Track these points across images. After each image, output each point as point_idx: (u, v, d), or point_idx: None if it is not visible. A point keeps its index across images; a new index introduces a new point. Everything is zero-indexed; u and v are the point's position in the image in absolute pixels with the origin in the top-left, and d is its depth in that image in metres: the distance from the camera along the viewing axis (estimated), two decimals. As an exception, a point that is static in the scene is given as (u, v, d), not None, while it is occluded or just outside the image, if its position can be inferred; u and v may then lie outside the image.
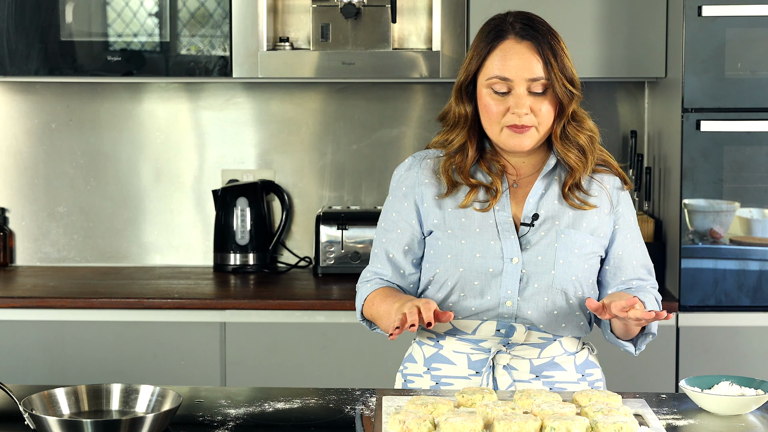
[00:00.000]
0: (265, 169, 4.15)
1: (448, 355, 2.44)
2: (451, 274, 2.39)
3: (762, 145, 3.46)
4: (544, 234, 2.39)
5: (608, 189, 2.46)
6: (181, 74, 3.78)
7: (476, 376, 2.41)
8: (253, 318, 3.57)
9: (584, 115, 2.43)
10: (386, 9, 3.73)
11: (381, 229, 2.51)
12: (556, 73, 2.34)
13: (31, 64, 3.76)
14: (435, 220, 2.43)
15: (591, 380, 2.47)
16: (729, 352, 3.50)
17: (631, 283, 2.47)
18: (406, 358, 2.54)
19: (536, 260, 2.38)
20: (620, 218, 2.46)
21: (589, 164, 2.41)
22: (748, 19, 3.43)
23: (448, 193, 2.43)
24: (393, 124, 4.13)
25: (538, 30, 2.36)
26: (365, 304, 2.47)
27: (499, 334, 2.39)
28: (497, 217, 2.40)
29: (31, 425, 2.06)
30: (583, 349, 2.49)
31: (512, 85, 2.35)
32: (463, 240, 2.39)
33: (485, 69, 2.38)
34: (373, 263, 2.50)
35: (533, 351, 2.42)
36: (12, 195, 4.17)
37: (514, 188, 2.45)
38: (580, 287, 2.40)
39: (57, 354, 3.58)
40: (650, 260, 2.52)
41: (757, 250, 3.50)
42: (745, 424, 2.16)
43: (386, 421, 2.07)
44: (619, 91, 4.07)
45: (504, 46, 2.36)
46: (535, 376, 2.42)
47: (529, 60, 2.34)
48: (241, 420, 2.18)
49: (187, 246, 4.18)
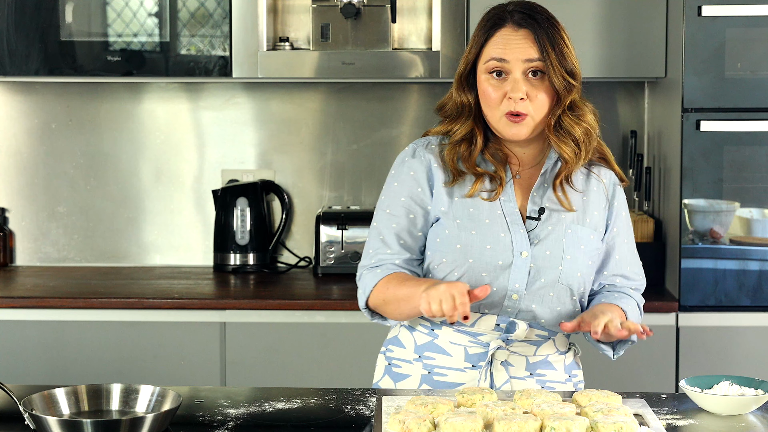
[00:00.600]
0: (265, 169, 4.15)
1: (443, 345, 2.43)
2: (459, 265, 2.38)
3: (762, 145, 3.46)
4: (551, 229, 2.39)
5: (605, 183, 2.46)
6: (181, 74, 3.78)
7: (472, 369, 2.41)
8: (253, 318, 3.56)
9: (586, 109, 2.41)
10: (386, 9, 3.73)
11: (387, 216, 2.44)
12: (552, 62, 2.33)
13: (31, 64, 3.76)
14: (443, 207, 2.41)
15: (575, 381, 2.49)
16: (729, 352, 3.50)
17: (614, 279, 2.47)
18: (390, 340, 2.51)
19: (545, 255, 2.38)
20: (613, 213, 2.47)
21: (582, 157, 2.40)
22: (748, 19, 3.43)
23: (454, 182, 2.42)
24: (393, 124, 4.13)
25: (536, 19, 2.36)
26: (375, 290, 2.39)
27: (498, 329, 2.39)
28: (505, 209, 2.40)
29: (31, 425, 2.06)
30: (570, 350, 2.50)
31: (509, 68, 2.35)
32: (473, 231, 2.38)
33: (483, 55, 2.38)
34: (379, 250, 2.43)
35: (530, 348, 2.42)
36: (12, 195, 4.17)
37: (517, 179, 2.44)
38: (583, 284, 2.41)
39: (57, 354, 3.58)
40: (638, 259, 2.52)
41: (757, 250, 3.50)
42: (745, 424, 2.16)
43: (386, 421, 2.07)
44: (619, 91, 4.07)
45: (501, 32, 2.37)
46: (529, 374, 2.42)
47: (525, 46, 2.34)
48: (241, 420, 2.18)
49: (187, 246, 4.18)
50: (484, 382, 2.38)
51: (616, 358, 2.44)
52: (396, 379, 2.48)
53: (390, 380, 2.49)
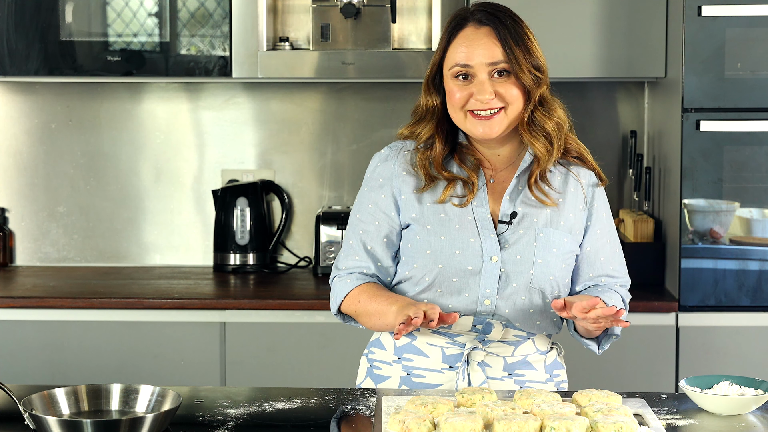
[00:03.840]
0: (265, 169, 4.15)
1: (421, 346, 2.43)
2: (429, 270, 2.38)
3: (762, 145, 3.46)
4: (522, 233, 2.38)
5: (583, 184, 2.45)
6: (181, 74, 3.79)
7: (449, 371, 2.41)
8: (253, 318, 3.57)
9: (555, 104, 2.40)
10: (386, 9, 3.73)
11: (356, 221, 2.47)
12: (517, 57, 2.33)
13: (31, 64, 3.77)
14: (413, 214, 2.41)
15: (557, 381, 2.49)
16: (729, 352, 3.51)
17: (600, 280, 2.47)
18: (373, 342, 2.52)
19: (515, 259, 2.37)
20: (593, 214, 2.45)
21: (554, 153, 2.39)
22: (748, 19, 3.43)
23: (426, 188, 2.41)
24: (393, 124, 4.13)
25: (498, 16, 2.36)
26: (346, 300, 2.43)
27: (475, 330, 2.39)
28: (476, 214, 2.39)
29: (31, 425, 2.06)
30: (552, 349, 2.49)
31: (473, 72, 2.35)
32: (443, 236, 2.38)
33: (448, 59, 2.38)
34: (349, 256, 2.46)
35: (507, 349, 2.41)
36: (12, 195, 4.18)
37: (491, 183, 2.44)
38: (557, 286, 2.40)
39: (57, 354, 3.58)
40: (623, 257, 2.51)
41: (757, 250, 3.50)
42: (745, 424, 2.16)
43: (386, 421, 2.07)
44: (618, 91, 4.07)
45: (464, 33, 2.37)
46: (507, 374, 2.41)
47: (488, 45, 2.34)
48: (241, 420, 2.18)
49: (187, 246, 4.18)
50: (462, 383, 2.38)
51: (601, 352, 2.45)
52: (377, 380, 2.48)
53: (371, 382, 2.50)
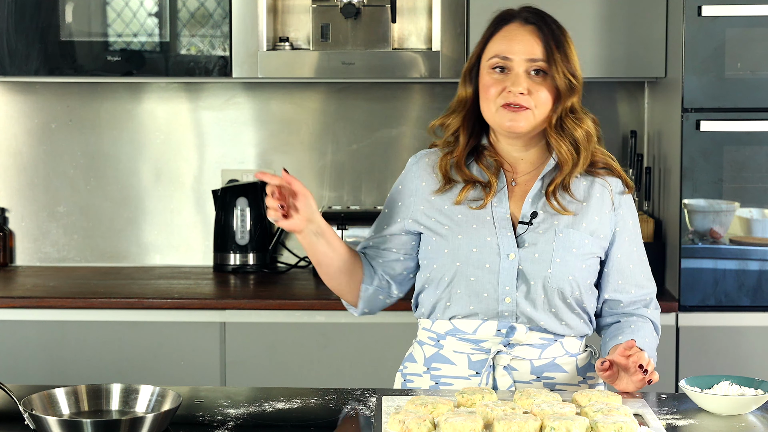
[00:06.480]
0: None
1: (448, 355, 2.44)
2: (448, 269, 2.39)
3: (762, 145, 3.46)
4: (542, 232, 2.39)
5: (611, 189, 2.45)
6: (181, 74, 3.79)
7: (476, 377, 2.40)
8: (253, 318, 3.57)
9: (585, 115, 2.42)
10: (386, 9, 3.73)
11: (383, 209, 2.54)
12: (556, 60, 2.35)
13: (31, 64, 3.77)
14: (432, 218, 2.43)
15: (592, 383, 2.46)
16: (729, 352, 3.50)
17: (630, 289, 2.45)
18: (407, 357, 2.54)
19: (533, 257, 2.37)
20: (620, 221, 2.45)
21: (580, 162, 2.40)
22: (748, 19, 3.43)
23: (443, 189, 2.43)
24: (393, 124, 4.13)
25: (544, 19, 2.40)
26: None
27: (499, 334, 2.39)
28: (495, 214, 2.40)
29: (31, 425, 2.06)
30: (585, 351, 2.48)
31: (511, 65, 2.36)
32: (460, 235, 2.40)
33: (488, 50, 2.40)
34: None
35: (534, 351, 2.41)
36: (12, 195, 4.18)
37: (513, 186, 2.44)
38: (577, 287, 2.39)
39: (57, 354, 3.58)
40: (649, 267, 2.51)
41: (757, 250, 3.50)
42: (745, 424, 2.16)
43: (386, 421, 2.07)
44: (618, 91, 4.07)
45: (508, 27, 2.40)
46: (535, 377, 2.41)
47: (530, 42, 2.37)
48: (241, 420, 2.18)
49: (187, 246, 4.18)
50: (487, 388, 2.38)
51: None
52: None
53: None
